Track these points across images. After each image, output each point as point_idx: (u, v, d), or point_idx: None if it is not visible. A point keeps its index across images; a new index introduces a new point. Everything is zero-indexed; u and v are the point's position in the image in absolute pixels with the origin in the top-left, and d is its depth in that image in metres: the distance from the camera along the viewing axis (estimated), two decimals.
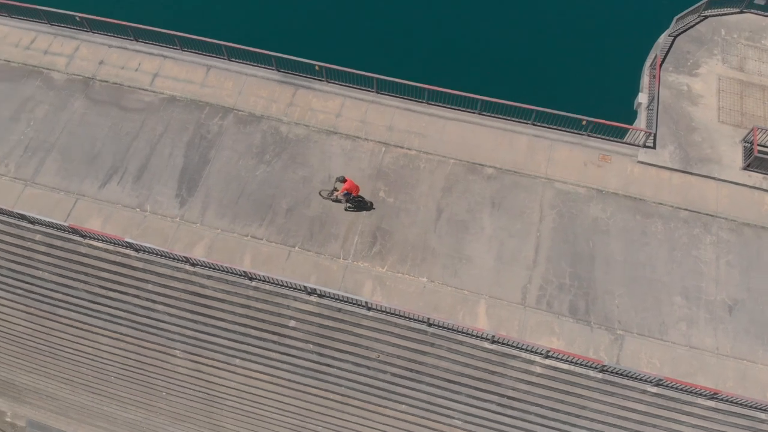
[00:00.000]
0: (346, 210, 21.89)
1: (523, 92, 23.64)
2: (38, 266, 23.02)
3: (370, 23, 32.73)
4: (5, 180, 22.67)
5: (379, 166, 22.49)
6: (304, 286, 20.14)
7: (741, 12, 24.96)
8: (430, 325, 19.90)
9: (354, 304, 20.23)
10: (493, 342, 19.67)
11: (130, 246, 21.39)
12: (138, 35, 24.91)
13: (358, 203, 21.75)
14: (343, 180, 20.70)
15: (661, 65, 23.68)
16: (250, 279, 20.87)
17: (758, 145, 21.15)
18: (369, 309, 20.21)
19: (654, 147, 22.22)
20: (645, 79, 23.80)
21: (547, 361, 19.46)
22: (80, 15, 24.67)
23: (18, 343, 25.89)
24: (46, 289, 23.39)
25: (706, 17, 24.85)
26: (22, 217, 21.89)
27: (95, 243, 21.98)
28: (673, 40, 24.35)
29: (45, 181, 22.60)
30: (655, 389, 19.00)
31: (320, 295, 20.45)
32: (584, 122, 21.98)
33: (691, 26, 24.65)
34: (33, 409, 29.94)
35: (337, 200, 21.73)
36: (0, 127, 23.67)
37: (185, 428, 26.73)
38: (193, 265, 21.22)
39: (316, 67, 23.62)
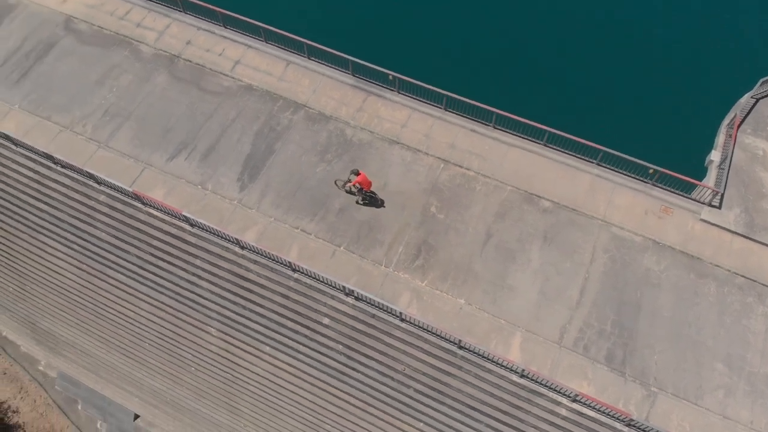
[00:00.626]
0: (357, 203, 22.36)
1: (592, 130, 23.31)
2: (97, 225, 24.09)
3: (449, 42, 33.04)
4: (81, 139, 23.88)
5: (435, 182, 22.63)
6: (343, 286, 20.40)
7: None
8: (460, 347, 19.81)
9: (388, 312, 20.36)
10: (522, 376, 19.41)
11: (186, 220, 22.16)
12: (227, 22, 25.93)
13: (369, 199, 22.23)
14: (357, 173, 21.21)
15: (739, 126, 23.04)
16: (294, 270, 21.30)
17: None
18: (402, 320, 20.29)
19: (719, 207, 21.59)
20: (720, 138, 23.20)
21: (574, 405, 19.06)
22: None
23: (65, 297, 27.07)
24: (101, 248, 24.44)
25: None
26: (90, 176, 23.00)
27: (154, 212, 22.88)
28: (755, 103, 23.66)
29: (118, 146, 23.69)
30: None
31: (357, 298, 20.66)
32: (651, 171, 21.57)
33: None
34: (66, 362, 31.17)
35: (350, 192, 22.29)
36: (85, 89, 24.99)
37: (204, 404, 27.31)
38: (242, 248, 21.81)
39: (390, 77, 24.01)
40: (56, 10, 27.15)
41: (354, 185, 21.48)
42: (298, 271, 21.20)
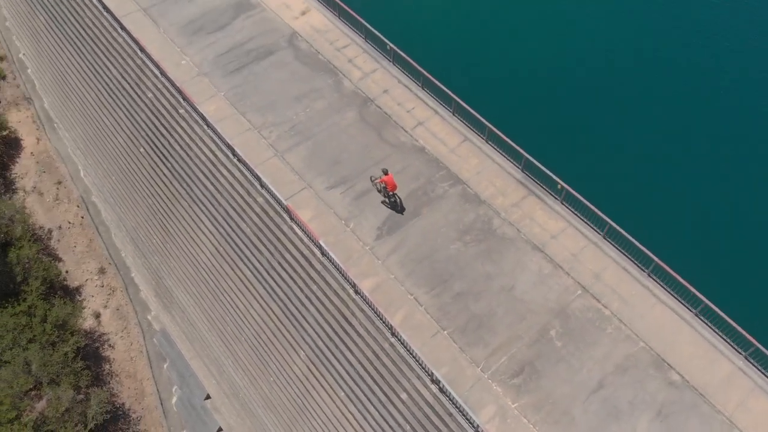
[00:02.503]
0: (381, 203, 23.85)
1: (750, 315, 20.97)
2: (246, 220, 26.01)
3: (625, 172, 31.87)
4: (263, 143, 26.06)
5: (565, 306, 21.57)
6: (432, 372, 19.97)
7: None
8: None
9: (466, 418, 19.50)
10: None
11: (319, 248, 23.17)
12: (426, 84, 27.13)
13: (391, 201, 23.99)
14: (386, 172, 22.98)
15: None
16: (392, 334, 21.31)
17: None
18: None
19: None
20: None
21: None
22: (391, 45, 27.65)
23: (195, 267, 29.42)
24: (241, 241, 26.31)
25: None
26: (257, 178, 24.96)
27: (296, 229, 24.23)
28: None
29: (290, 161, 25.50)
30: None
31: (441, 389, 20.10)
32: None
33: None
34: (172, 321, 33.61)
35: (378, 189, 24.14)
36: (283, 101, 27.34)
37: (269, 416, 27.99)
38: (356, 292, 22.30)
39: (559, 186, 23.53)
40: (287, 23, 30.24)
41: (380, 182, 23.14)
42: (396, 337, 21.16)
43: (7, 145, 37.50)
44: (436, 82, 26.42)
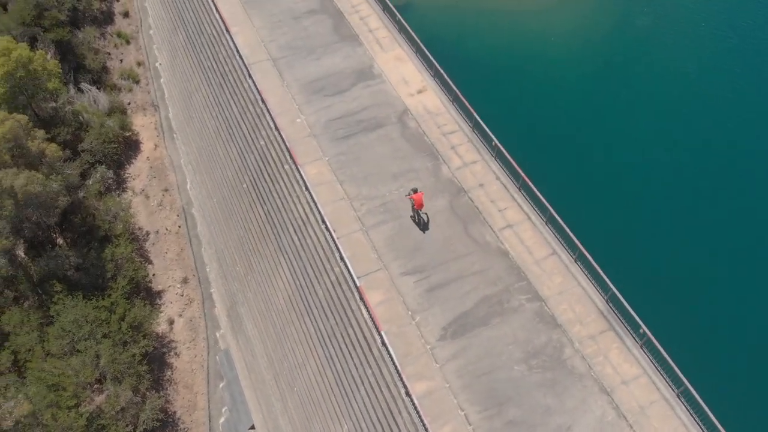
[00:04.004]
0: (410, 216, 25.91)
1: None
2: (321, 284, 26.60)
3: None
4: (352, 215, 26.53)
5: None
6: None
7: None
8: None
9: None
10: None
11: (380, 336, 23.25)
12: (524, 187, 26.55)
13: (417, 217, 25.84)
14: (415, 191, 25.11)
15: None
16: None
17: None
18: None
19: None
20: None
21: None
22: (496, 142, 27.32)
23: (266, 306, 30.50)
24: (312, 300, 26.96)
25: None
26: (338, 250, 25.44)
27: (363, 309, 24.45)
28: None
29: (373, 238, 25.80)
30: None
31: None
32: None
33: None
34: (236, 345, 34.91)
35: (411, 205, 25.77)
36: (381, 176, 27.70)
37: None
38: (407, 394, 22.14)
39: (641, 330, 22.26)
40: (401, 98, 30.65)
41: (410, 198, 25.12)
42: None
43: (127, 145, 40.56)
44: (533, 187, 25.81)
